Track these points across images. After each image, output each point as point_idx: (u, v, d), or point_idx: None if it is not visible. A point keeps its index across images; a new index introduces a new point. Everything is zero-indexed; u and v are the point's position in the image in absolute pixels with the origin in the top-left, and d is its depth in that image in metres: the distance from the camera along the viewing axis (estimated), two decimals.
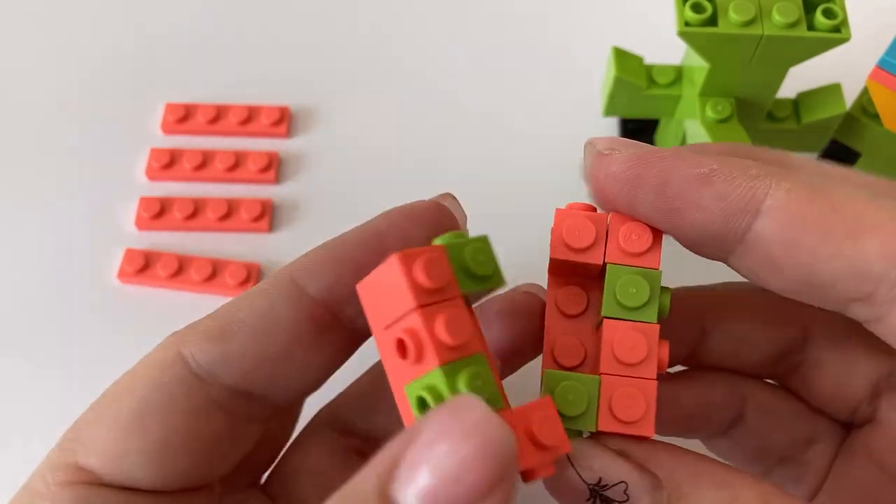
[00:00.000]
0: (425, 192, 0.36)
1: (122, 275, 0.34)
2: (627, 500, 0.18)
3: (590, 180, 0.21)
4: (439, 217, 0.22)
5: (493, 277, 0.19)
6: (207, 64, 0.40)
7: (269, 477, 0.23)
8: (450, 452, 0.14)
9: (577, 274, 0.21)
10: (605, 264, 0.20)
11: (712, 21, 0.27)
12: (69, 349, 0.33)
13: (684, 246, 0.20)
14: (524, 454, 0.17)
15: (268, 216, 0.35)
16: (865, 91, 0.31)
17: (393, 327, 0.17)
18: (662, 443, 0.20)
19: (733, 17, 0.27)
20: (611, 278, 0.20)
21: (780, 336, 0.23)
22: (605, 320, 0.20)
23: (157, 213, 0.35)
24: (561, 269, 0.21)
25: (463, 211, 0.22)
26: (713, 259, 0.20)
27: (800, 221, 0.18)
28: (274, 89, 0.39)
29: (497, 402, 0.17)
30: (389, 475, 0.15)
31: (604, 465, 0.19)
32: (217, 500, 0.21)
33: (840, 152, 0.36)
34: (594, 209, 0.21)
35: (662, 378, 0.20)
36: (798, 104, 0.32)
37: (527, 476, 0.17)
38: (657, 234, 0.20)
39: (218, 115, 0.38)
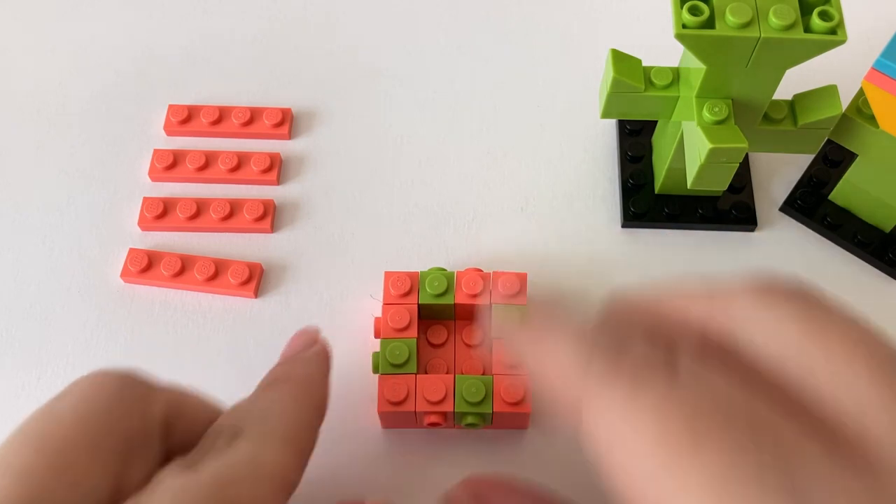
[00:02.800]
0: (425, 192, 0.37)
1: (126, 274, 0.34)
2: None
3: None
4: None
5: (444, 295, 0.30)
6: (210, 66, 0.40)
7: None
8: None
9: (472, 315, 0.31)
10: (490, 304, 0.30)
11: (709, 23, 0.27)
12: (73, 348, 0.33)
13: None
14: (417, 404, 0.29)
15: (270, 216, 0.36)
16: (861, 93, 0.31)
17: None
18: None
19: (730, 19, 0.27)
20: (495, 312, 0.30)
21: None
22: (493, 340, 0.30)
23: (161, 213, 0.35)
24: (462, 312, 0.31)
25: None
26: None
27: None
28: (276, 91, 0.40)
29: (411, 368, 0.29)
30: None
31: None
32: None
33: (837, 153, 0.36)
34: (480, 271, 0.31)
35: None
36: (794, 106, 0.32)
37: (423, 419, 0.29)
38: (523, 281, 0.30)
39: (220, 117, 0.38)
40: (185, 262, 0.34)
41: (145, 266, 0.34)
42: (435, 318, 0.32)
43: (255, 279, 0.34)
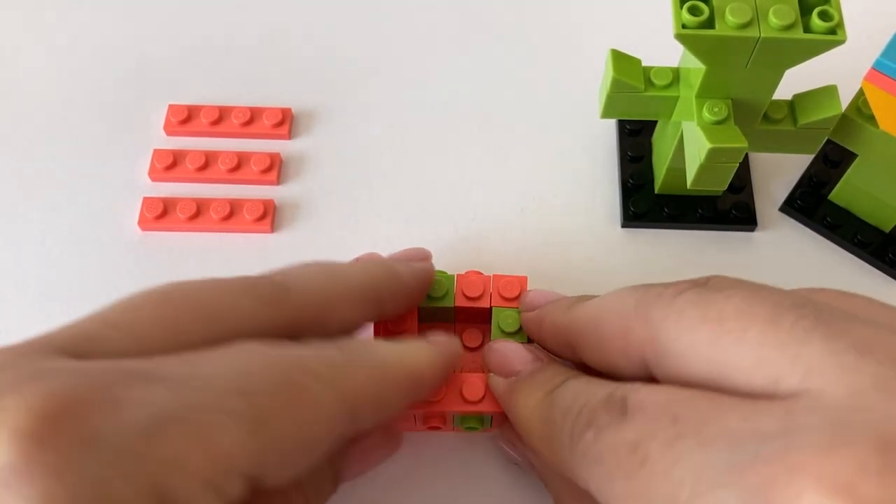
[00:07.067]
0: (425, 193, 0.37)
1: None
2: None
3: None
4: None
5: (443, 298, 0.30)
6: (210, 66, 0.40)
7: None
8: None
9: (472, 318, 0.31)
10: (490, 308, 0.30)
11: (709, 23, 0.27)
12: None
13: None
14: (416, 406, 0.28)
15: (270, 217, 0.36)
16: (861, 93, 0.31)
17: None
18: None
19: (730, 19, 0.27)
20: (495, 316, 0.29)
21: None
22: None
23: (161, 213, 0.35)
24: (462, 315, 0.31)
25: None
26: None
27: None
28: (276, 91, 0.40)
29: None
30: None
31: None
32: None
33: (837, 153, 0.36)
34: (481, 274, 0.30)
35: None
36: (794, 106, 0.32)
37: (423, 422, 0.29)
38: (523, 285, 0.30)
39: (220, 117, 0.38)
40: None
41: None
42: (435, 322, 0.32)
43: None
